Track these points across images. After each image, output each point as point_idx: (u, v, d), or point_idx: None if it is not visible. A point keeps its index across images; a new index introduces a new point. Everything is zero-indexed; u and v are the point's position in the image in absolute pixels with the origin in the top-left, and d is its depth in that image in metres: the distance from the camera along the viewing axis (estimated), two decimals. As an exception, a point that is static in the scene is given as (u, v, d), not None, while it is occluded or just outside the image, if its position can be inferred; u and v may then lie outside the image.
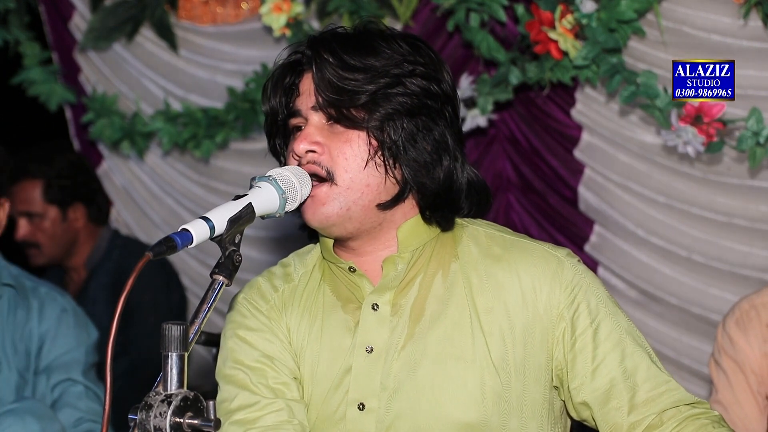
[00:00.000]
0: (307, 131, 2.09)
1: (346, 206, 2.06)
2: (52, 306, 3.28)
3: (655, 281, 3.80)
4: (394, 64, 2.07)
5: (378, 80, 2.05)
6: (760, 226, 3.54)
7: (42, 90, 4.81)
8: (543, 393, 2.12)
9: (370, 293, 2.13)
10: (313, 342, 2.15)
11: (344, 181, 2.06)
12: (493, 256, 2.15)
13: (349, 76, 2.05)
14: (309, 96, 2.10)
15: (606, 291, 2.16)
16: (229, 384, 2.15)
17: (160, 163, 4.77)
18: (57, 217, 4.30)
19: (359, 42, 2.10)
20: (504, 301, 2.11)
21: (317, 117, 2.09)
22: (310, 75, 2.10)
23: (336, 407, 2.11)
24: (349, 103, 2.05)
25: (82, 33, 4.71)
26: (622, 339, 2.11)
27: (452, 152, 2.11)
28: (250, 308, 2.20)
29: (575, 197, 3.95)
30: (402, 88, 2.07)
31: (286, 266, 2.25)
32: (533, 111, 3.96)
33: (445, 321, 2.11)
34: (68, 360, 3.27)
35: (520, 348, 2.09)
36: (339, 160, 2.06)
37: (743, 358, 2.98)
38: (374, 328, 2.11)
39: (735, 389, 2.99)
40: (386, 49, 2.09)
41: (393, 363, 2.10)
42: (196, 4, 4.52)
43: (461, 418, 2.07)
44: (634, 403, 2.08)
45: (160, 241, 1.80)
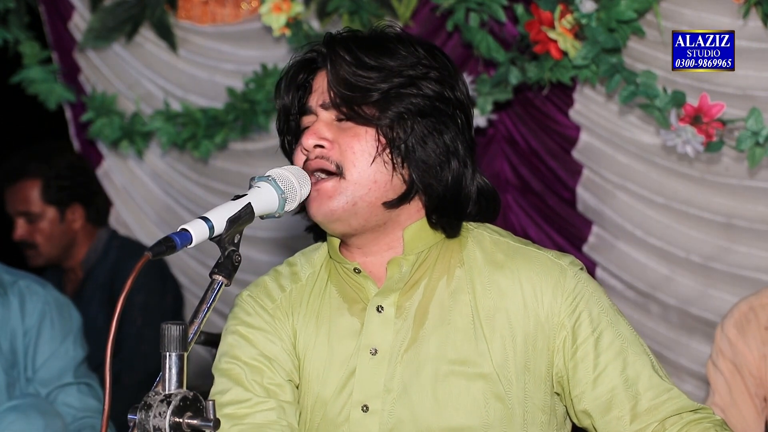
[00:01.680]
0: (316, 127, 2.09)
1: (353, 201, 2.06)
2: (33, 301, 3.26)
3: (653, 282, 3.80)
4: (409, 65, 2.08)
5: (392, 79, 2.06)
6: (759, 226, 3.54)
7: (41, 89, 4.81)
8: (544, 399, 2.12)
9: (374, 295, 2.13)
10: (319, 344, 2.15)
11: (352, 175, 2.06)
12: (497, 262, 2.15)
13: (364, 74, 2.06)
14: (321, 93, 2.10)
15: (609, 300, 2.17)
16: (224, 377, 2.15)
17: (160, 163, 4.77)
18: (55, 217, 4.29)
19: (376, 43, 2.11)
20: (506, 308, 2.11)
21: (327, 114, 2.10)
22: (324, 73, 2.11)
23: (340, 409, 2.11)
24: (361, 100, 2.06)
25: (82, 33, 4.71)
26: (623, 348, 2.11)
27: (462, 158, 2.11)
28: (255, 306, 2.19)
29: (573, 198, 3.95)
30: (415, 89, 2.07)
31: (293, 265, 2.25)
32: (531, 111, 3.96)
33: (448, 326, 2.11)
34: (59, 366, 3.26)
35: (521, 354, 2.09)
36: (348, 155, 2.06)
37: (741, 361, 2.98)
38: (378, 330, 2.11)
39: (733, 392, 2.99)
40: (402, 51, 2.09)
41: (397, 365, 2.10)
42: (195, 4, 4.52)
43: (463, 422, 2.07)
44: (636, 412, 2.08)
45: (159, 241, 1.80)
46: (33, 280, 3.33)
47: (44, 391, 3.22)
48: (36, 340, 3.24)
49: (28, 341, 3.23)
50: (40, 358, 3.25)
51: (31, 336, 3.24)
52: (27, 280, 3.31)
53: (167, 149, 4.64)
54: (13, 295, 3.24)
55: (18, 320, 3.23)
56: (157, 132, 4.60)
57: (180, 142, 4.54)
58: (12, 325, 3.23)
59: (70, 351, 3.29)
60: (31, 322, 3.24)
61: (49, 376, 3.24)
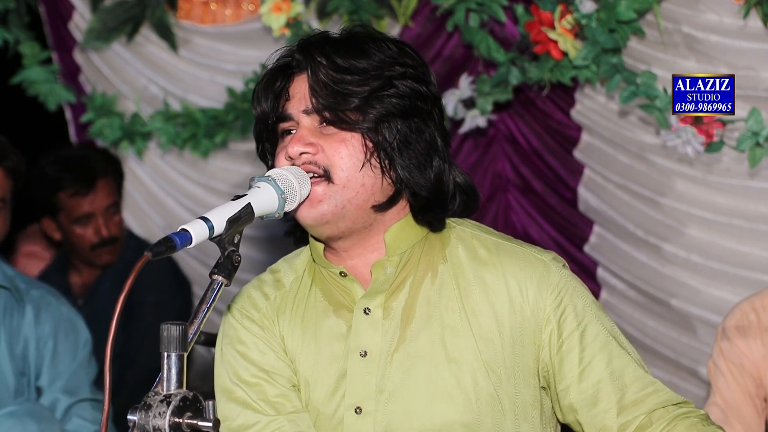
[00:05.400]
0: (300, 134, 2.09)
1: (342, 204, 2.07)
2: (48, 311, 3.28)
3: (654, 282, 3.79)
4: (384, 66, 2.09)
5: (371, 82, 2.07)
6: (760, 226, 3.54)
7: (41, 90, 4.81)
8: (533, 395, 2.13)
9: (361, 297, 2.13)
10: (307, 348, 2.16)
11: (341, 179, 2.06)
12: (480, 259, 2.16)
13: (343, 78, 2.06)
14: (301, 99, 2.10)
15: (591, 295, 2.18)
16: (231, 402, 2.16)
17: (160, 163, 4.77)
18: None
19: (350, 45, 2.11)
20: (492, 304, 2.12)
21: (309, 120, 2.10)
22: (302, 78, 2.11)
23: (333, 412, 2.12)
24: (344, 105, 2.06)
25: (82, 33, 4.71)
26: (608, 341, 2.13)
27: (441, 154, 2.13)
28: (242, 319, 2.20)
29: (575, 198, 3.95)
30: (394, 90, 2.08)
31: (276, 272, 2.26)
32: (533, 111, 3.96)
33: (436, 323, 2.11)
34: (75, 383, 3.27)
35: (509, 350, 2.11)
36: (335, 159, 2.06)
37: (742, 361, 2.98)
38: (367, 332, 2.12)
39: (733, 392, 2.99)
40: (376, 51, 2.10)
41: (387, 366, 2.11)
42: (195, 4, 4.52)
43: (456, 418, 2.08)
44: (623, 405, 2.10)
45: (159, 241, 1.80)
46: (46, 291, 3.35)
47: (68, 402, 3.24)
48: (53, 350, 3.26)
49: (41, 350, 3.25)
50: (62, 369, 3.26)
51: (45, 345, 3.25)
52: (41, 290, 3.33)
53: (167, 149, 4.64)
54: (28, 303, 3.26)
55: (31, 328, 3.25)
56: (156, 132, 4.60)
57: (180, 142, 4.54)
58: (25, 332, 3.25)
59: (84, 365, 3.32)
60: (44, 331, 3.26)
61: (73, 387, 3.26)
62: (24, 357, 3.23)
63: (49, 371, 3.25)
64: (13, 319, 3.23)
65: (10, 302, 3.23)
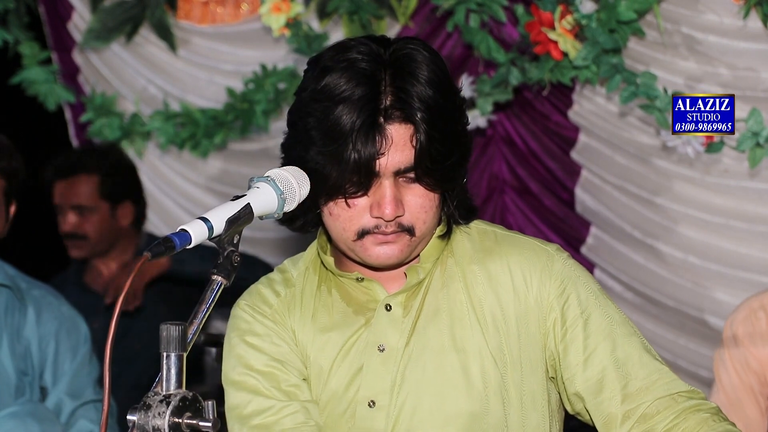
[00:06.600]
0: (392, 194, 2.04)
1: (417, 252, 2.13)
2: (49, 311, 3.28)
3: (651, 283, 3.79)
4: (459, 113, 2.10)
5: (461, 148, 2.09)
6: (759, 228, 3.53)
7: (41, 90, 4.82)
8: (540, 384, 2.14)
9: (386, 297, 2.15)
10: (319, 344, 2.16)
11: (422, 232, 2.09)
12: (485, 249, 2.18)
13: (446, 150, 2.04)
14: (397, 152, 2.02)
15: (597, 284, 2.19)
16: (241, 390, 2.15)
17: (159, 164, 4.77)
18: (106, 212, 4.32)
19: (440, 93, 2.05)
20: (496, 293, 2.14)
21: (392, 175, 2.05)
22: (401, 127, 2.02)
23: (346, 406, 2.13)
24: (441, 171, 2.06)
25: (82, 33, 4.71)
26: (613, 329, 2.12)
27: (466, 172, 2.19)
28: (254, 313, 2.20)
29: (572, 199, 3.95)
30: (465, 139, 2.12)
31: (285, 272, 2.26)
32: (530, 112, 3.96)
33: (443, 314, 2.13)
34: (78, 384, 3.27)
35: (514, 339, 2.12)
36: (419, 215, 2.07)
37: (747, 358, 2.97)
38: (387, 327, 2.13)
39: (737, 389, 2.99)
40: (450, 92, 2.08)
41: (401, 360, 2.12)
42: (195, 5, 4.52)
43: (465, 408, 2.09)
44: (627, 392, 2.09)
45: (158, 242, 1.80)
46: (47, 291, 3.35)
47: (73, 405, 3.24)
48: (56, 349, 3.26)
49: (44, 349, 3.25)
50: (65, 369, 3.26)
51: (47, 345, 3.25)
52: (42, 289, 3.33)
53: (166, 149, 4.64)
54: (30, 302, 3.26)
55: (33, 327, 3.25)
56: (156, 132, 4.60)
57: (179, 142, 4.54)
58: (27, 331, 3.24)
59: (86, 365, 3.32)
60: (46, 330, 3.26)
61: (77, 389, 3.26)
62: (26, 356, 3.23)
63: (52, 371, 3.26)
64: (14, 318, 3.23)
65: (12, 301, 3.23)
